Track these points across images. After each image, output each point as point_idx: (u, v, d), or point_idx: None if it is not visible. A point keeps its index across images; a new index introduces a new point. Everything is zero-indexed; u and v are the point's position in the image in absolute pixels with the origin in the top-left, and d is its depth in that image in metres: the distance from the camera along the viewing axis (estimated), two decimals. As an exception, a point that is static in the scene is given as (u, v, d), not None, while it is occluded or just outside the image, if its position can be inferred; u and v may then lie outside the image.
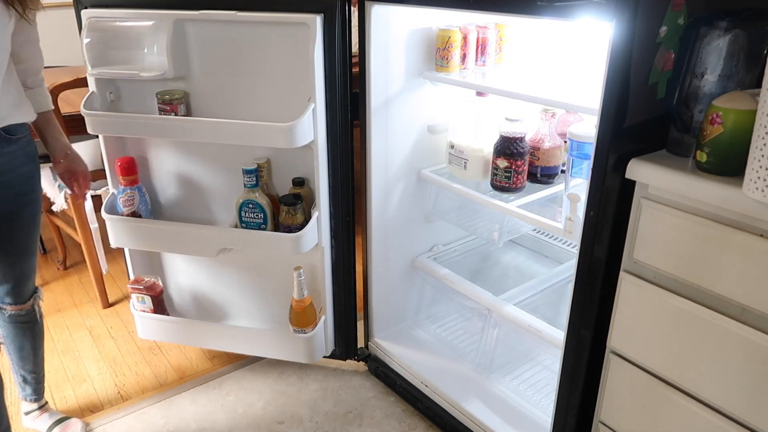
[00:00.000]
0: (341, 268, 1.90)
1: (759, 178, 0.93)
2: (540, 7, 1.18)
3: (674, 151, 1.14)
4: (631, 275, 1.19)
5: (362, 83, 1.69)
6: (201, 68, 1.78)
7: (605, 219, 1.20)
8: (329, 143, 1.72)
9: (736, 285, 1.02)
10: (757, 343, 1.02)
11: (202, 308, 2.18)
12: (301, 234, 1.74)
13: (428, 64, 1.76)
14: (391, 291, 2.04)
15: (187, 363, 2.15)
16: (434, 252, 2.08)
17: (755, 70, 1.06)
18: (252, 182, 1.74)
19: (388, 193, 1.87)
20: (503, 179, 1.67)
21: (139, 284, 2.00)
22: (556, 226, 1.50)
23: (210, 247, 1.82)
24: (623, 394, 1.27)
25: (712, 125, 1.02)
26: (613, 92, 1.09)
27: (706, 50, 1.07)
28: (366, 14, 1.61)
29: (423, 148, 1.89)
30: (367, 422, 1.87)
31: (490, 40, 1.73)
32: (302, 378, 2.06)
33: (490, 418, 1.71)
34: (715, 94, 1.06)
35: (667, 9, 1.06)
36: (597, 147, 1.15)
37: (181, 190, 2.00)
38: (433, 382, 1.85)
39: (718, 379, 1.09)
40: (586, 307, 1.29)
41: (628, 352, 1.24)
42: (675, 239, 1.09)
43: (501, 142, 1.65)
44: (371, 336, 2.06)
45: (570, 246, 2.09)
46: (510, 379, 1.87)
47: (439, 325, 2.12)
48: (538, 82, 1.63)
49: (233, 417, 1.90)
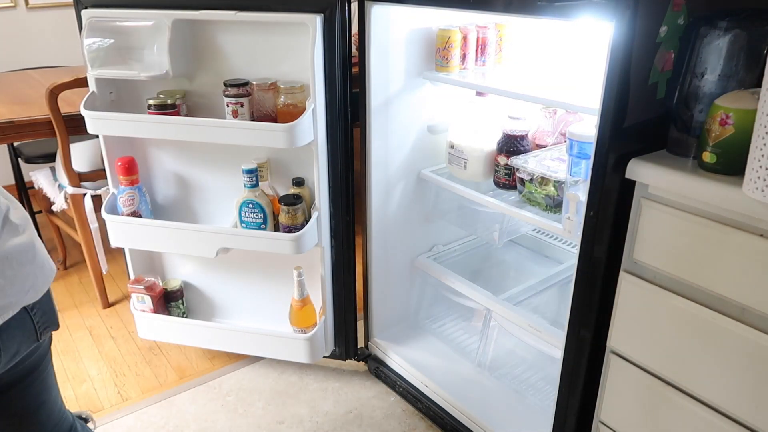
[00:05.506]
0: (341, 268, 1.90)
1: (759, 178, 0.93)
2: (540, 7, 1.18)
3: (674, 151, 1.14)
4: (631, 275, 1.19)
5: (362, 83, 1.69)
6: (201, 68, 1.79)
7: (605, 219, 1.20)
8: (329, 143, 1.72)
9: (736, 285, 1.02)
10: (757, 343, 1.02)
11: (202, 308, 2.18)
12: (301, 234, 1.74)
13: (428, 64, 1.76)
14: (391, 291, 2.04)
15: (187, 363, 2.15)
16: (434, 252, 2.08)
17: (755, 70, 1.06)
18: (252, 182, 1.74)
19: (388, 193, 1.87)
20: (504, 176, 1.67)
21: (139, 284, 2.00)
22: (556, 226, 1.50)
23: (210, 247, 1.82)
24: (623, 394, 1.27)
25: (722, 126, 1.02)
26: (613, 92, 1.09)
27: (706, 50, 1.07)
28: (366, 14, 1.61)
29: (423, 148, 1.89)
30: (367, 422, 1.87)
31: (490, 40, 1.73)
32: (302, 378, 2.06)
33: (490, 418, 1.71)
34: (715, 94, 1.06)
35: (667, 9, 1.06)
36: (597, 147, 1.15)
37: (181, 190, 2.01)
38: (433, 382, 1.85)
39: (718, 379, 1.09)
40: (586, 307, 1.29)
41: (628, 352, 1.24)
42: (675, 239, 1.09)
43: (504, 140, 1.66)
44: (371, 336, 2.06)
45: (570, 246, 2.09)
46: (510, 379, 1.87)
47: (439, 325, 2.12)
48: (538, 82, 1.63)
49: (233, 417, 1.90)
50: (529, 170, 1.56)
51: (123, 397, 2.01)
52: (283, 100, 1.69)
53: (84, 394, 2.02)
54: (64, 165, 2.23)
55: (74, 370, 2.14)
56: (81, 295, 2.59)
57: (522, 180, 1.61)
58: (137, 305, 2.03)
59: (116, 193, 1.90)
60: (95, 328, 2.37)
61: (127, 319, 2.39)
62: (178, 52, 1.72)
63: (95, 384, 2.07)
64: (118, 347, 2.25)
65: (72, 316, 2.45)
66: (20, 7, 3.20)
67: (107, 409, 1.95)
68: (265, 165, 1.81)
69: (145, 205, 1.92)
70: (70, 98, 2.30)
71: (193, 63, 1.78)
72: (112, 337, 2.31)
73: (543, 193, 1.55)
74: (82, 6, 1.73)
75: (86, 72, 1.78)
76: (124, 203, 1.88)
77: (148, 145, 1.95)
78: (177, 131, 1.73)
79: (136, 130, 1.77)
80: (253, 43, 1.71)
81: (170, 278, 2.14)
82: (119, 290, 2.60)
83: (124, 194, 1.87)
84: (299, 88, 1.67)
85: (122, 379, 2.08)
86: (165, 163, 1.98)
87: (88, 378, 2.10)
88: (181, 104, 1.77)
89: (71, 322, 2.41)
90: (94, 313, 2.47)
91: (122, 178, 1.86)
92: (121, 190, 1.87)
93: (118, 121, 1.77)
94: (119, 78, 1.79)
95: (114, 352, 2.23)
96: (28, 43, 3.22)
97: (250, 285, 2.09)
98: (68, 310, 2.48)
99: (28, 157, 2.75)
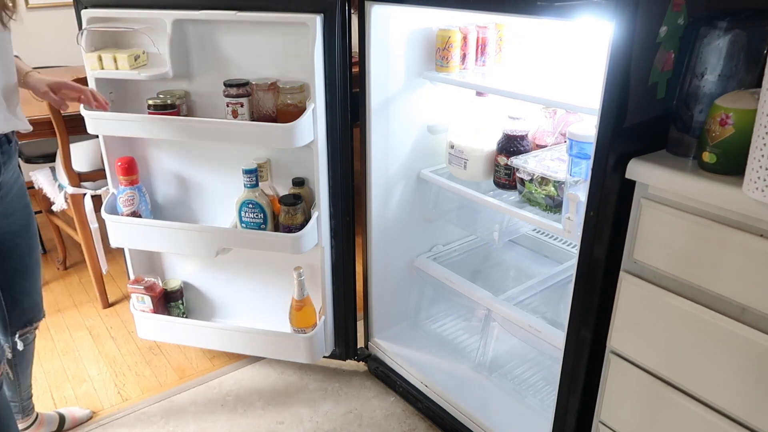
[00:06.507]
0: (341, 268, 1.90)
1: (759, 178, 0.93)
2: (540, 7, 1.18)
3: (674, 151, 1.14)
4: (631, 275, 1.19)
5: (362, 83, 1.69)
6: (201, 68, 1.79)
7: (605, 219, 1.20)
8: (329, 143, 1.72)
9: (736, 285, 1.02)
10: (757, 343, 1.02)
11: (202, 308, 2.18)
12: (301, 234, 1.74)
13: (428, 64, 1.76)
14: (391, 291, 2.04)
15: (187, 363, 2.15)
16: (434, 252, 2.08)
17: (755, 70, 1.06)
18: (252, 182, 1.74)
19: (388, 193, 1.87)
20: (504, 176, 1.67)
21: (139, 284, 2.00)
22: (556, 226, 1.50)
23: (210, 247, 1.82)
24: (623, 394, 1.27)
25: (722, 126, 1.02)
26: (613, 92, 1.09)
27: (706, 50, 1.07)
28: (366, 14, 1.61)
29: (423, 148, 1.89)
30: (367, 422, 1.87)
31: (490, 40, 1.73)
32: (302, 378, 2.06)
33: (490, 418, 1.71)
34: (715, 94, 1.06)
35: (667, 9, 1.06)
36: (597, 147, 1.15)
37: (181, 190, 2.01)
38: (433, 382, 1.85)
39: (718, 379, 1.09)
40: (586, 307, 1.29)
41: (628, 352, 1.24)
42: (675, 239, 1.09)
43: (504, 140, 1.66)
44: (371, 336, 2.06)
45: (570, 246, 2.09)
46: (510, 379, 1.87)
47: (439, 325, 2.12)
48: (538, 82, 1.63)
49: (233, 417, 1.90)
50: (529, 170, 1.56)
51: (123, 397, 2.01)
52: (283, 100, 1.69)
53: (84, 394, 2.02)
54: (64, 165, 2.23)
55: (74, 370, 2.14)
56: (81, 295, 2.59)
57: (522, 180, 1.61)
58: (137, 305, 2.03)
59: (116, 193, 1.90)
60: (95, 328, 2.37)
61: (127, 319, 2.39)
62: (178, 52, 1.72)
63: (95, 384, 2.07)
64: (118, 347, 2.25)
65: (72, 316, 2.45)
66: (20, 7, 3.19)
67: (107, 409, 1.95)
68: (265, 165, 1.81)
69: (145, 205, 1.92)
70: (70, 98, 2.30)
71: (193, 63, 1.78)
72: (112, 337, 2.31)
73: (543, 193, 1.55)
74: (82, 6, 1.73)
75: (86, 72, 1.78)
76: (124, 203, 1.88)
77: (148, 145, 1.95)
78: (177, 131, 1.73)
79: (136, 130, 1.77)
80: (253, 43, 1.71)
81: (170, 278, 2.14)
82: (119, 290, 2.60)
83: (124, 194, 1.87)
84: (299, 88, 1.67)
85: (122, 379, 2.08)
86: (165, 163, 1.97)
87: (88, 378, 2.10)
88: (181, 104, 1.77)
89: (71, 322, 2.41)
90: (94, 313, 2.47)
91: (122, 178, 1.86)
92: (121, 190, 1.87)
93: (118, 121, 1.77)
94: (119, 78, 1.79)
95: (114, 352, 2.23)
96: (27, 43, 3.22)
97: (249, 285, 2.09)
98: (68, 310, 2.48)
99: (28, 157, 2.75)
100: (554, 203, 1.54)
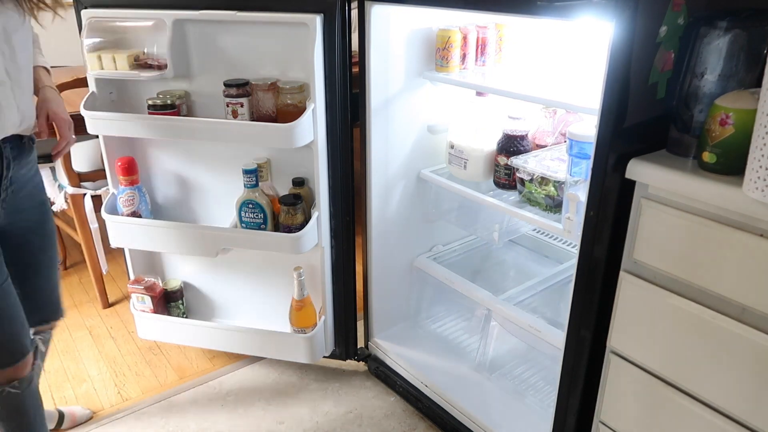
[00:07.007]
0: (341, 268, 1.90)
1: (759, 178, 0.93)
2: (540, 7, 1.18)
3: (674, 151, 1.14)
4: (631, 275, 1.19)
5: (362, 83, 1.69)
6: (201, 68, 1.79)
7: (605, 219, 1.20)
8: (329, 143, 1.72)
9: (736, 285, 1.02)
10: (757, 343, 1.02)
11: (202, 308, 2.18)
12: (301, 234, 1.74)
13: (428, 64, 1.76)
14: (391, 291, 2.04)
15: (187, 363, 2.15)
16: (434, 252, 2.08)
17: (755, 70, 1.06)
18: (252, 182, 1.74)
19: (388, 193, 1.87)
20: (504, 176, 1.67)
21: (139, 284, 2.00)
22: (556, 226, 1.50)
23: (210, 247, 1.82)
24: (623, 394, 1.27)
25: (722, 126, 1.02)
26: (613, 92, 1.09)
27: (706, 50, 1.07)
28: (366, 14, 1.61)
29: (423, 148, 1.89)
30: (367, 422, 1.87)
31: (490, 40, 1.73)
32: (302, 378, 2.06)
33: (490, 417, 1.71)
34: (715, 94, 1.06)
35: (667, 9, 1.06)
36: (597, 147, 1.15)
37: (181, 190, 2.01)
38: (433, 382, 1.85)
39: (718, 379, 1.09)
40: (586, 307, 1.29)
41: (628, 352, 1.24)
42: (675, 239, 1.09)
43: (504, 140, 1.66)
44: (371, 336, 2.06)
45: (570, 246, 2.09)
46: (510, 379, 1.87)
47: (439, 325, 2.12)
48: (538, 81, 1.63)
49: (233, 417, 1.90)
50: (529, 170, 1.56)
51: (123, 397, 2.01)
52: (283, 100, 1.69)
53: (84, 394, 2.02)
54: (64, 165, 2.23)
55: (74, 370, 2.14)
56: (81, 295, 2.59)
57: (522, 180, 1.61)
58: (137, 305, 2.03)
59: (116, 193, 1.90)
60: (95, 328, 2.37)
61: (127, 319, 2.39)
62: (178, 52, 1.72)
63: (95, 384, 2.07)
64: (118, 347, 2.25)
65: (72, 315, 2.45)
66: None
67: (107, 409, 1.95)
68: (265, 165, 1.81)
69: (145, 205, 1.92)
70: (70, 98, 2.29)
71: (193, 63, 1.78)
72: (112, 337, 2.31)
73: (543, 193, 1.55)
74: (82, 6, 1.73)
75: (86, 72, 1.78)
76: (124, 203, 1.88)
77: (148, 145, 1.95)
78: (177, 131, 1.73)
79: (136, 130, 1.77)
80: (253, 43, 1.71)
81: (170, 278, 2.14)
82: (119, 290, 2.60)
83: (124, 194, 1.87)
84: (299, 88, 1.67)
85: (122, 379, 2.08)
86: (165, 163, 1.97)
87: (88, 378, 2.10)
88: (181, 104, 1.77)
89: (71, 321, 2.41)
90: (94, 313, 2.47)
91: (122, 178, 1.86)
92: (121, 190, 1.87)
93: (118, 121, 1.77)
94: (119, 78, 1.79)
95: (114, 352, 2.23)
96: (28, 43, 3.22)
97: (250, 285, 2.09)
98: (68, 310, 2.47)
99: (28, 157, 2.75)
100: (554, 203, 1.54)
